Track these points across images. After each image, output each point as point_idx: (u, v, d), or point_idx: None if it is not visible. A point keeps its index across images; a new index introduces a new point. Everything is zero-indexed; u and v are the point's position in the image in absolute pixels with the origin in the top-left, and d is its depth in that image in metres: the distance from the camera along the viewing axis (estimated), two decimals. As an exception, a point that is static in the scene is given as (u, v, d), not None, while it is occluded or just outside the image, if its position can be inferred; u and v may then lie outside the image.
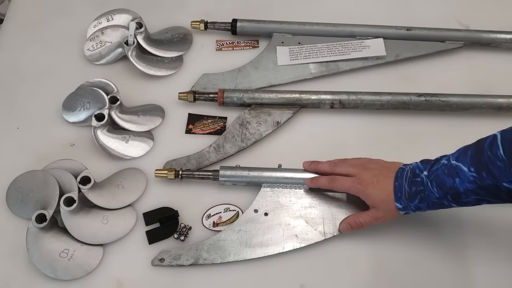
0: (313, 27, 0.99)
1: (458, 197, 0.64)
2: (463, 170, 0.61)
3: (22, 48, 0.99)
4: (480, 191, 0.61)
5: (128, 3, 1.01)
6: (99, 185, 0.80)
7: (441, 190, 0.64)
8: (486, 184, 0.60)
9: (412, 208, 0.68)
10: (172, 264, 0.74)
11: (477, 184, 0.60)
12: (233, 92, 0.89)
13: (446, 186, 0.63)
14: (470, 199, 0.63)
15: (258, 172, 0.80)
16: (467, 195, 0.62)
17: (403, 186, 0.68)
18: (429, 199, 0.66)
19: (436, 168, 0.65)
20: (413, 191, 0.67)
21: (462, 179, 0.62)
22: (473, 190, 0.61)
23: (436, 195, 0.65)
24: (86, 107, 0.88)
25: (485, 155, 0.59)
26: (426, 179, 0.66)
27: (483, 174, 0.59)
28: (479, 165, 0.60)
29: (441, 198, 0.65)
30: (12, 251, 0.76)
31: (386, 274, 0.75)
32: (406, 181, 0.68)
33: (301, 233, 0.76)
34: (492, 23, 1.00)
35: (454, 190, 0.63)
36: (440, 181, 0.64)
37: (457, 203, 0.65)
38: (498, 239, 0.78)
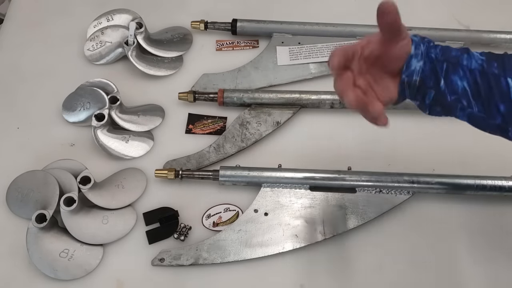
0: (313, 27, 0.99)
1: (453, 70, 0.58)
2: (473, 54, 0.59)
3: (22, 48, 0.99)
4: (479, 77, 0.57)
5: (128, 3, 1.01)
6: (99, 185, 0.80)
7: (443, 55, 0.59)
8: (490, 72, 0.57)
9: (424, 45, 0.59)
10: (172, 264, 0.74)
11: (482, 68, 0.57)
12: (233, 92, 0.89)
13: (450, 53, 0.59)
14: (460, 83, 0.58)
15: (258, 172, 0.80)
16: (464, 73, 0.57)
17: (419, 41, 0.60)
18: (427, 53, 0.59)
19: (444, 46, 0.60)
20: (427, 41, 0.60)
21: (471, 57, 0.58)
22: (473, 70, 0.57)
23: (436, 55, 0.58)
24: (86, 107, 0.88)
25: (502, 55, 0.58)
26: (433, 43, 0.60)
27: (494, 63, 0.57)
28: (492, 57, 0.58)
29: (437, 61, 0.58)
30: (12, 251, 0.76)
31: (386, 274, 0.75)
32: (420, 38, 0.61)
33: (301, 233, 0.76)
34: (492, 23, 0.99)
35: (456, 59, 0.58)
36: (445, 49, 0.59)
37: (447, 79, 0.58)
38: (498, 239, 0.78)
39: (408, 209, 0.80)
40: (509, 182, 0.78)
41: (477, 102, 0.58)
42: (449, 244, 0.78)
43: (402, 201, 0.79)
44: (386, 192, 0.79)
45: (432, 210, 0.81)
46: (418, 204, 0.81)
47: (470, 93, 0.58)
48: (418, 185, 0.79)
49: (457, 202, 0.81)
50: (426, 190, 0.80)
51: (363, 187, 0.79)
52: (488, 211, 0.80)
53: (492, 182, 0.78)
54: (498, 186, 0.78)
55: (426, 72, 0.59)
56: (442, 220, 0.80)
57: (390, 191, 0.79)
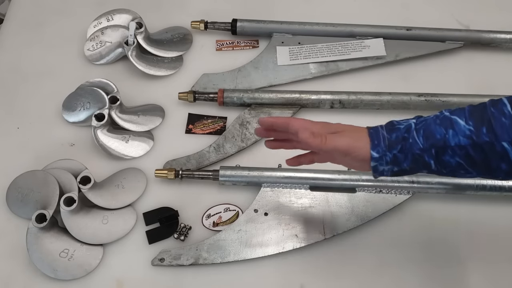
0: (313, 27, 0.99)
1: (442, 153, 0.57)
2: (459, 123, 0.56)
3: (22, 48, 0.99)
4: (472, 150, 0.55)
5: (128, 3, 1.01)
6: (99, 185, 0.80)
7: (428, 141, 0.57)
8: (482, 141, 0.55)
9: (388, 159, 0.59)
10: (172, 264, 0.74)
11: (472, 140, 0.55)
12: (233, 92, 0.89)
13: (435, 137, 0.57)
14: (452, 160, 0.57)
15: (258, 172, 0.80)
16: (454, 153, 0.56)
17: (380, 133, 0.60)
18: (411, 150, 0.58)
19: (425, 119, 0.59)
20: (394, 138, 0.59)
21: (457, 131, 0.56)
22: (464, 146, 0.56)
23: (420, 146, 0.58)
24: (86, 107, 0.88)
25: (488, 110, 0.55)
26: (414, 126, 0.59)
27: (483, 130, 0.55)
28: (479, 120, 0.55)
29: (424, 151, 0.58)
30: (12, 251, 0.76)
31: (386, 274, 0.75)
32: (383, 129, 0.61)
33: (301, 233, 0.76)
34: (492, 23, 1.00)
35: (443, 142, 0.57)
36: (429, 131, 0.58)
37: (437, 161, 0.58)
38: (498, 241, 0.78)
39: (408, 209, 0.80)
40: (509, 182, 0.78)
41: (474, 169, 0.57)
42: (449, 244, 0.78)
43: (402, 201, 0.79)
44: (386, 192, 0.79)
45: (432, 210, 0.81)
46: (418, 204, 0.81)
47: (465, 164, 0.57)
48: (418, 185, 0.79)
49: (457, 202, 0.81)
50: (426, 190, 0.80)
51: (363, 187, 0.79)
52: (488, 211, 0.80)
53: (492, 182, 0.78)
54: (498, 186, 0.78)
55: (408, 167, 0.59)
56: (442, 220, 0.80)
57: (390, 191, 0.79)
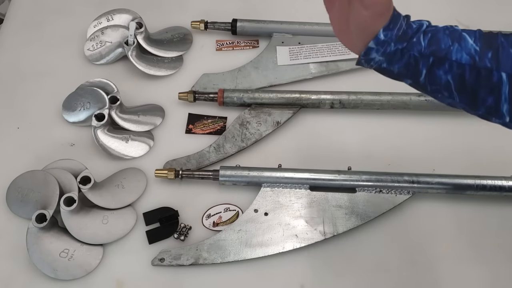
0: (313, 27, 0.99)
1: (439, 65, 0.55)
2: (467, 40, 0.54)
3: (22, 48, 0.99)
4: (468, 71, 0.54)
5: (128, 3, 1.01)
6: (99, 185, 0.80)
7: (430, 46, 0.55)
8: (483, 65, 0.53)
9: (388, 49, 0.56)
10: (172, 264, 0.74)
11: (474, 61, 0.53)
12: (233, 92, 0.89)
13: (439, 45, 0.55)
14: (444, 77, 0.55)
15: (258, 172, 0.80)
16: (450, 68, 0.54)
17: (400, 19, 0.56)
18: (411, 50, 0.55)
19: (436, 26, 0.56)
20: (410, 34, 0.55)
21: (462, 47, 0.54)
22: (463, 65, 0.54)
23: (421, 49, 0.55)
24: (86, 107, 0.88)
25: (498, 39, 0.54)
26: (425, 27, 0.56)
27: (488, 54, 0.53)
28: (487, 44, 0.54)
29: (422, 57, 0.55)
30: (12, 251, 0.76)
31: (386, 274, 0.75)
32: (403, 19, 0.56)
33: (301, 233, 0.76)
34: (492, 23, 0.99)
35: (445, 53, 0.54)
36: (435, 39, 0.55)
37: (428, 74, 0.55)
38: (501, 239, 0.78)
39: (408, 209, 0.80)
40: (509, 182, 0.78)
41: (460, 95, 0.55)
42: (449, 244, 0.78)
43: (402, 201, 0.79)
44: (386, 192, 0.79)
45: (432, 210, 0.81)
46: (418, 204, 0.81)
47: (453, 86, 0.55)
48: (418, 185, 0.79)
49: (457, 202, 0.81)
50: (426, 190, 0.80)
51: (363, 187, 0.79)
52: (488, 211, 0.80)
53: (492, 182, 0.78)
54: (498, 186, 0.78)
55: (397, 71, 0.57)
56: (442, 220, 0.80)
57: (390, 191, 0.79)
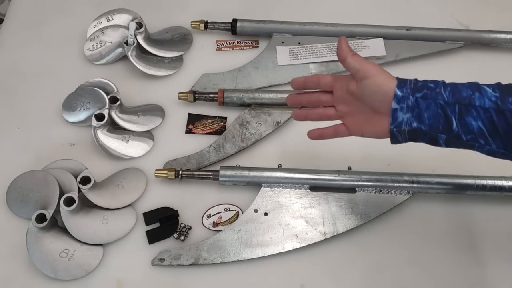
0: (313, 27, 0.99)
1: (466, 112, 0.57)
2: (485, 89, 0.57)
3: (22, 48, 0.99)
4: (495, 115, 0.56)
5: (128, 3, 1.01)
6: (99, 185, 0.80)
7: (453, 96, 0.58)
8: (506, 109, 0.55)
9: (409, 103, 0.59)
10: (172, 264, 0.74)
11: (497, 105, 0.56)
12: (233, 92, 0.89)
13: (461, 94, 0.58)
14: (475, 123, 0.57)
15: (258, 172, 0.80)
16: (477, 114, 0.56)
17: (408, 80, 0.61)
18: (435, 98, 0.58)
19: (453, 82, 0.60)
20: (420, 85, 0.60)
21: (483, 95, 0.57)
22: (488, 109, 0.56)
23: (445, 98, 0.58)
24: (86, 107, 0.88)
25: None
26: (441, 81, 0.60)
27: (509, 99, 0.55)
28: (505, 91, 0.56)
29: (448, 105, 0.58)
30: (12, 251, 0.76)
31: (386, 274, 0.75)
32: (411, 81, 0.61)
33: (301, 233, 0.76)
34: (492, 23, 0.99)
35: (469, 101, 0.57)
36: (456, 89, 0.58)
37: (460, 120, 0.58)
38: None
39: (408, 209, 0.80)
40: (509, 182, 0.78)
41: (495, 140, 0.57)
42: (449, 244, 0.78)
43: (402, 201, 0.79)
44: (386, 192, 0.79)
45: (432, 210, 0.81)
46: (418, 204, 0.81)
47: (486, 132, 0.57)
48: (418, 185, 0.79)
49: (457, 202, 0.81)
50: (426, 190, 0.80)
51: (363, 187, 0.79)
52: (488, 211, 0.80)
53: (492, 182, 0.78)
54: (498, 186, 0.78)
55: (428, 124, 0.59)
56: (442, 220, 0.80)
57: (390, 191, 0.79)
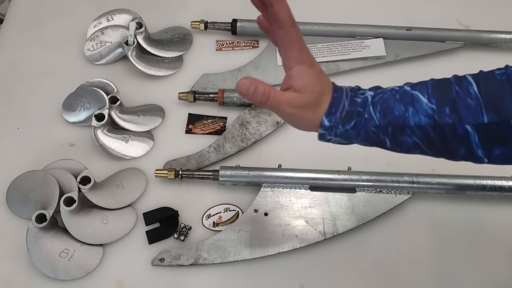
0: (313, 27, 0.99)
1: (400, 132, 0.53)
2: (420, 100, 0.52)
3: (22, 48, 0.99)
4: (432, 131, 0.51)
5: (128, 3, 1.01)
6: (99, 185, 0.80)
7: (385, 118, 0.52)
8: (444, 123, 0.51)
9: (338, 132, 0.54)
10: (172, 264, 0.74)
11: (434, 121, 0.51)
12: (233, 92, 0.89)
13: (393, 114, 0.52)
14: (410, 140, 0.53)
15: (258, 172, 0.80)
16: (412, 132, 0.52)
17: (342, 100, 0.54)
18: (366, 126, 0.53)
19: (383, 91, 0.54)
20: (350, 111, 0.53)
21: (418, 110, 0.51)
22: (424, 126, 0.51)
23: (376, 123, 0.53)
24: (86, 107, 0.88)
25: (453, 89, 0.51)
26: (371, 100, 0.53)
27: (446, 110, 0.50)
28: (442, 98, 0.51)
29: (380, 129, 0.53)
30: (12, 251, 0.76)
31: (386, 274, 0.75)
32: (346, 97, 0.54)
33: (301, 233, 0.76)
34: (492, 23, 0.99)
35: (402, 121, 0.52)
36: (387, 107, 0.52)
37: (393, 140, 0.53)
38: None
39: (408, 209, 0.80)
40: (509, 182, 0.78)
41: (431, 150, 0.54)
42: (449, 244, 0.78)
43: (402, 201, 0.79)
44: (386, 192, 0.79)
45: (432, 210, 0.81)
46: (418, 204, 0.81)
47: (422, 144, 0.53)
48: (418, 185, 0.79)
49: (457, 202, 0.81)
50: (426, 190, 0.80)
51: (363, 187, 0.79)
52: (488, 211, 0.80)
53: (492, 182, 0.78)
54: (498, 186, 0.78)
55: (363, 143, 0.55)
56: (442, 220, 0.80)
57: (390, 191, 0.79)
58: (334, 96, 0.54)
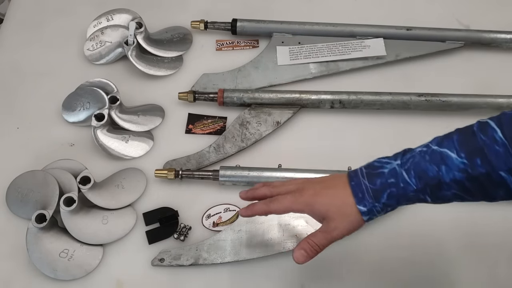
0: (313, 27, 0.99)
1: (438, 189, 0.55)
2: (450, 157, 0.53)
3: (22, 48, 0.99)
4: (468, 183, 0.53)
5: (128, 3, 1.01)
6: (99, 185, 0.80)
7: (421, 181, 0.55)
8: (478, 173, 0.52)
9: (378, 208, 0.57)
10: (172, 264, 0.74)
11: (467, 173, 0.52)
12: (233, 92, 0.89)
13: (427, 176, 0.54)
14: (449, 193, 0.55)
15: (258, 172, 0.80)
16: (449, 187, 0.54)
17: (362, 183, 0.58)
18: (404, 193, 0.56)
19: (412, 156, 0.57)
20: (379, 185, 0.57)
21: (450, 166, 0.53)
22: (460, 180, 0.53)
23: (414, 187, 0.55)
24: (86, 107, 0.88)
25: (478, 139, 0.52)
26: (400, 168, 0.56)
27: (477, 161, 0.52)
28: (471, 150, 0.52)
29: (419, 192, 0.56)
30: (12, 251, 0.76)
31: (386, 274, 0.75)
32: (364, 178, 0.58)
33: (301, 233, 0.76)
34: (492, 23, 0.99)
35: (438, 180, 0.54)
36: (420, 170, 0.55)
37: (433, 197, 0.56)
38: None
39: (408, 209, 0.80)
40: (509, 182, 0.78)
41: (471, 197, 0.55)
42: (449, 244, 0.78)
43: (402, 201, 0.79)
44: (386, 192, 0.79)
45: (432, 210, 0.80)
46: (418, 204, 0.80)
47: (462, 194, 0.55)
48: (418, 185, 0.79)
49: (457, 202, 0.81)
50: (426, 190, 0.79)
51: (363, 187, 0.79)
52: (488, 211, 0.80)
53: (492, 182, 0.78)
54: (498, 186, 0.78)
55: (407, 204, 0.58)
56: (442, 220, 0.80)
57: (390, 191, 0.79)
58: (352, 185, 0.58)
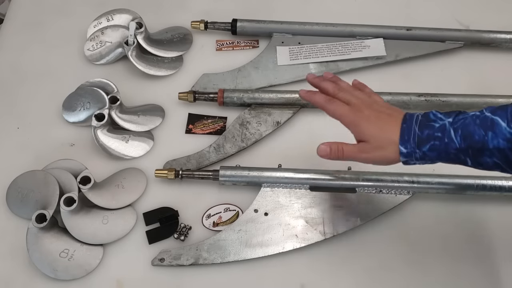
0: (313, 27, 0.99)
1: (480, 154, 0.57)
2: (500, 124, 0.55)
3: (22, 48, 0.99)
4: (510, 153, 0.55)
5: (128, 3, 1.01)
6: (99, 185, 0.80)
7: (465, 141, 0.57)
8: None
9: (417, 155, 0.60)
10: (172, 264, 0.74)
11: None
12: (233, 92, 0.89)
13: (473, 138, 0.56)
14: (490, 160, 0.57)
15: (258, 172, 0.80)
16: (492, 154, 0.56)
17: (412, 128, 0.60)
18: (445, 149, 0.58)
19: (464, 117, 0.58)
20: (425, 135, 0.59)
21: (497, 134, 0.55)
22: (503, 149, 0.55)
23: (457, 146, 0.58)
24: (86, 107, 0.88)
25: None
26: (449, 126, 0.58)
27: None
28: None
29: (460, 151, 0.58)
30: (12, 251, 0.76)
31: (386, 274, 0.75)
32: (416, 124, 0.60)
33: (301, 233, 0.76)
34: (492, 23, 0.99)
35: (482, 144, 0.56)
36: (467, 132, 0.57)
37: (474, 161, 0.58)
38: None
39: (408, 209, 0.80)
40: (509, 182, 0.78)
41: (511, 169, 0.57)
42: (449, 244, 0.78)
43: (402, 201, 0.79)
44: (386, 192, 0.79)
45: (432, 210, 0.81)
46: (418, 204, 0.81)
47: (502, 164, 0.56)
48: (418, 185, 0.79)
49: (457, 202, 0.81)
50: (426, 190, 0.80)
51: (363, 187, 0.79)
52: (488, 211, 0.80)
53: (492, 182, 0.78)
54: (498, 186, 0.78)
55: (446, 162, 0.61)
56: (442, 220, 0.80)
57: (390, 191, 0.79)
58: (403, 127, 0.61)
